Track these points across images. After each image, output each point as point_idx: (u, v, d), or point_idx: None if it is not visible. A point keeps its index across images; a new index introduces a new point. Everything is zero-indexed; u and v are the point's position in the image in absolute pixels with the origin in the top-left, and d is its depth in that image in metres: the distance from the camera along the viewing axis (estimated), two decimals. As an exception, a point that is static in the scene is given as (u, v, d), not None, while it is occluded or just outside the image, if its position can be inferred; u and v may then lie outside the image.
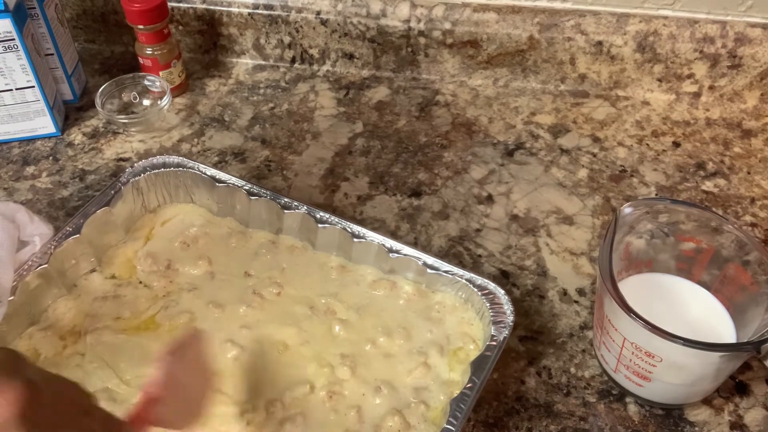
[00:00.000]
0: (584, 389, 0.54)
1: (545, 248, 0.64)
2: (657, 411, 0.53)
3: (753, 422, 0.52)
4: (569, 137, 0.76)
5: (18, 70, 0.70)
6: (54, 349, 0.54)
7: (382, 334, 0.54)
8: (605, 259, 0.49)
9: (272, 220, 0.62)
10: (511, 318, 0.52)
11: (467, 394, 0.47)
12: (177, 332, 0.55)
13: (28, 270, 0.55)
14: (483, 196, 0.69)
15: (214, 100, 0.81)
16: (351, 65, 0.85)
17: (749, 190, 0.69)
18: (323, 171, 0.72)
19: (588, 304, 0.60)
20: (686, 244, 0.54)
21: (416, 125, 0.78)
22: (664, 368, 0.48)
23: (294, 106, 0.80)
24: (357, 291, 0.58)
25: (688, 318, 0.53)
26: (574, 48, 0.78)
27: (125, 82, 0.78)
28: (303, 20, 0.82)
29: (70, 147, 0.75)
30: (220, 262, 0.60)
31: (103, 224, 0.60)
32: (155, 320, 0.56)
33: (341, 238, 0.59)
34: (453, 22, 0.79)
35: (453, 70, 0.83)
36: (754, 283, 0.50)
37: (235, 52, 0.87)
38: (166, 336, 0.54)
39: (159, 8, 0.76)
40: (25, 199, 0.69)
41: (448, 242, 0.65)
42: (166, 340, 0.54)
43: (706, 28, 0.75)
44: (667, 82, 0.79)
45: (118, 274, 0.59)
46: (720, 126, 0.77)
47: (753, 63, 0.76)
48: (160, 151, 0.74)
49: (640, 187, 0.70)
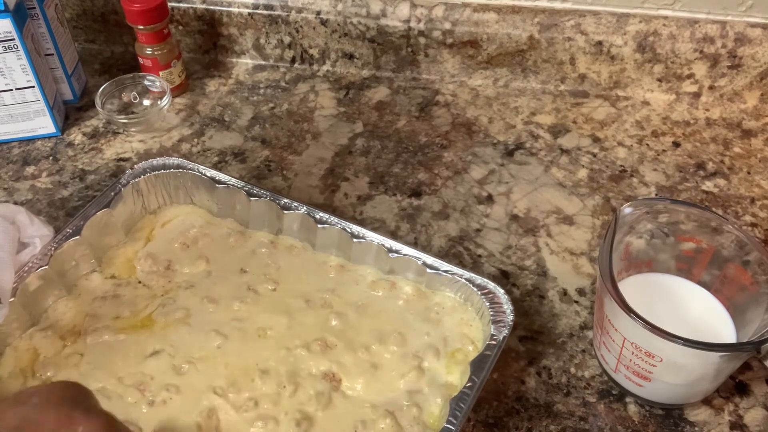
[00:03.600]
0: (584, 389, 0.54)
1: (545, 248, 0.64)
2: (657, 411, 0.53)
3: (753, 422, 0.52)
4: (569, 137, 0.76)
5: (18, 70, 0.70)
6: (54, 349, 0.54)
7: (377, 338, 0.54)
8: (605, 259, 0.49)
9: (272, 220, 0.62)
10: (510, 317, 0.52)
11: (467, 394, 0.47)
12: (171, 329, 0.55)
13: (29, 271, 0.55)
14: (483, 196, 0.69)
15: (214, 100, 0.81)
16: (351, 65, 0.85)
17: (749, 190, 0.69)
18: (323, 171, 0.72)
19: (588, 304, 0.60)
20: (686, 244, 0.54)
21: (416, 125, 0.78)
22: (664, 368, 0.48)
23: (294, 106, 0.80)
24: (356, 290, 0.58)
25: (688, 318, 0.53)
26: (574, 48, 0.78)
27: (125, 82, 0.78)
28: (303, 20, 0.82)
29: (70, 147, 0.75)
30: (218, 260, 0.60)
31: (103, 226, 0.60)
32: (152, 318, 0.56)
33: (341, 238, 0.59)
34: (453, 22, 0.79)
35: (453, 70, 0.83)
36: (754, 283, 0.50)
37: (235, 52, 0.87)
38: (160, 333, 0.55)
39: (159, 8, 0.76)
40: (25, 199, 0.69)
41: (448, 242, 0.65)
42: (159, 336, 0.54)
43: (706, 28, 0.75)
44: (667, 82, 0.79)
45: (117, 274, 0.59)
46: (720, 126, 0.77)
47: (753, 63, 0.76)
48: (160, 151, 0.74)
49: (640, 187, 0.70)
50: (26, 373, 0.52)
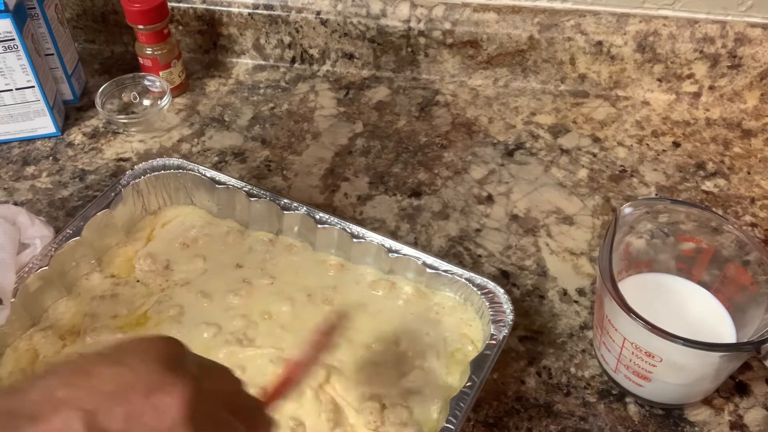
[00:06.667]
0: (584, 389, 0.54)
1: (545, 248, 0.64)
2: (657, 411, 0.53)
3: (753, 422, 0.52)
4: (569, 137, 0.76)
5: (18, 70, 0.70)
6: (53, 349, 0.54)
7: (377, 338, 0.54)
8: (605, 259, 0.49)
9: (272, 221, 0.62)
10: (510, 317, 0.52)
11: (467, 393, 0.47)
12: (163, 325, 0.55)
13: (29, 272, 0.55)
14: (483, 196, 0.69)
15: (214, 100, 0.81)
16: (351, 65, 0.85)
17: (749, 190, 0.69)
18: (323, 171, 0.72)
19: (588, 304, 0.60)
20: (686, 244, 0.54)
21: (416, 125, 0.78)
22: (664, 368, 0.48)
23: (294, 106, 0.80)
24: (356, 290, 0.58)
25: (688, 318, 0.53)
26: (574, 48, 0.78)
27: (125, 82, 0.78)
28: (303, 20, 0.82)
29: (70, 147, 0.75)
30: (214, 257, 0.61)
31: (103, 227, 0.60)
32: (147, 315, 0.56)
33: (340, 238, 0.59)
34: (453, 22, 0.79)
35: (453, 70, 0.83)
36: (754, 283, 0.50)
37: (235, 52, 0.87)
38: (152, 330, 0.55)
39: (159, 8, 0.76)
40: (25, 199, 0.69)
41: (448, 242, 0.65)
42: (152, 333, 0.55)
43: (706, 28, 0.75)
44: (667, 82, 0.79)
45: (117, 274, 0.60)
46: (720, 126, 0.77)
47: (753, 63, 0.76)
48: (160, 151, 0.74)
49: (640, 187, 0.70)
50: (26, 373, 0.52)
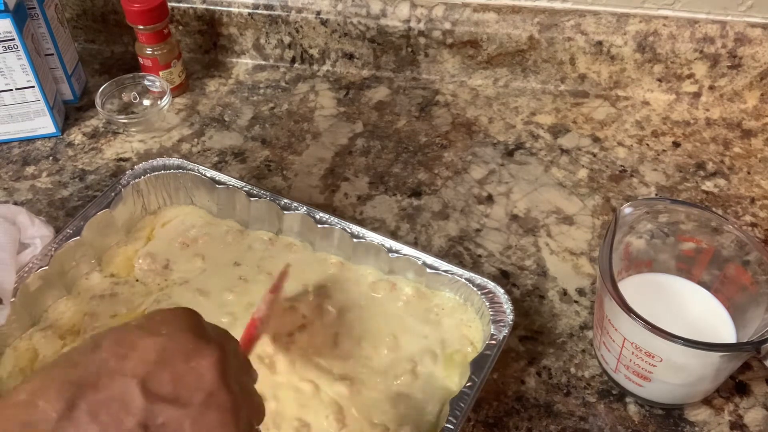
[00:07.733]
0: (584, 389, 0.54)
1: (545, 248, 0.64)
2: (657, 411, 0.53)
3: (753, 422, 0.52)
4: (569, 137, 0.76)
5: (18, 70, 0.70)
6: (53, 348, 0.54)
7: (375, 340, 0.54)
8: (605, 259, 0.49)
9: (272, 220, 0.62)
10: (510, 317, 0.52)
11: (467, 393, 0.47)
12: None
13: (29, 272, 0.55)
14: (483, 196, 0.69)
15: (214, 100, 0.81)
16: (351, 65, 0.85)
17: (749, 190, 0.69)
18: (323, 171, 0.72)
19: (588, 304, 0.60)
20: (686, 244, 0.54)
21: (416, 125, 0.78)
22: (664, 368, 0.48)
23: (294, 106, 0.80)
24: (356, 291, 0.58)
25: (688, 318, 0.53)
26: (574, 48, 0.78)
27: (125, 82, 0.78)
28: (303, 20, 0.82)
29: (70, 147, 0.75)
30: (213, 257, 0.61)
31: (103, 226, 0.60)
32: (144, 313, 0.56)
33: (341, 238, 0.59)
34: (453, 22, 0.79)
35: (453, 70, 0.83)
36: (754, 283, 0.50)
37: (235, 52, 0.87)
38: None
39: (159, 8, 0.76)
40: (25, 199, 0.69)
41: (448, 242, 0.65)
42: None
43: (706, 28, 0.75)
44: (667, 82, 0.79)
45: (116, 273, 0.60)
46: (720, 126, 0.77)
47: (753, 63, 0.76)
48: (160, 151, 0.74)
49: (640, 187, 0.70)
50: (26, 373, 0.52)
